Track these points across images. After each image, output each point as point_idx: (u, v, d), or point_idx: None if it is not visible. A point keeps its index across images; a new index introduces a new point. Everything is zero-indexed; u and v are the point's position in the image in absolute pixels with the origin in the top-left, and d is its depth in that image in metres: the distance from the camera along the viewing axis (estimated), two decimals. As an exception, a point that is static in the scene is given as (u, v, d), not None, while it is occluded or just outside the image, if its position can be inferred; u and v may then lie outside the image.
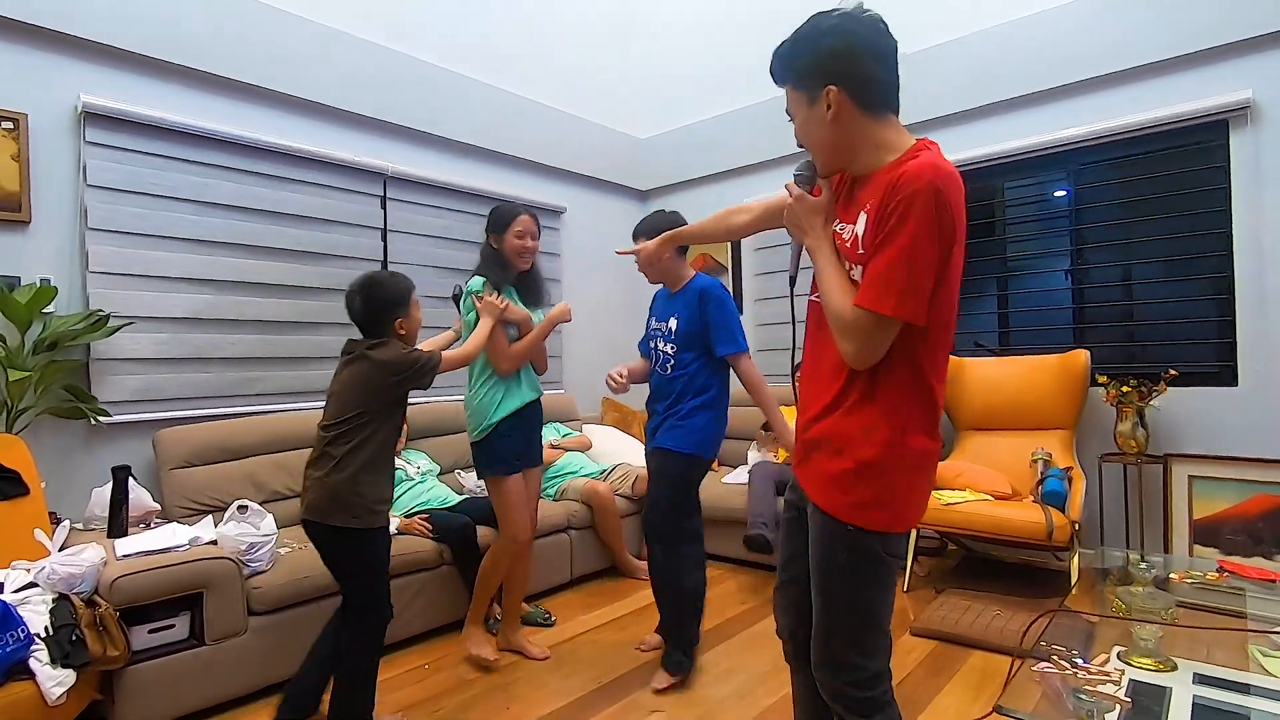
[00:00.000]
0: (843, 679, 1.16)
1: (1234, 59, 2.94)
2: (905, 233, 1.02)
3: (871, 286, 1.05)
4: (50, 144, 2.55)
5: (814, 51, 1.13)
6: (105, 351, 2.62)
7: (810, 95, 1.15)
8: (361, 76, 3.42)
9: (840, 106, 1.12)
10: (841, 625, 1.17)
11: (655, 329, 2.42)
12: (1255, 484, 2.81)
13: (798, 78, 1.17)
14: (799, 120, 1.20)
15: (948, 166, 1.07)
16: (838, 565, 1.16)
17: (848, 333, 1.09)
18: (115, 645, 1.84)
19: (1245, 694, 1.55)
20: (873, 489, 1.12)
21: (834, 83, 1.11)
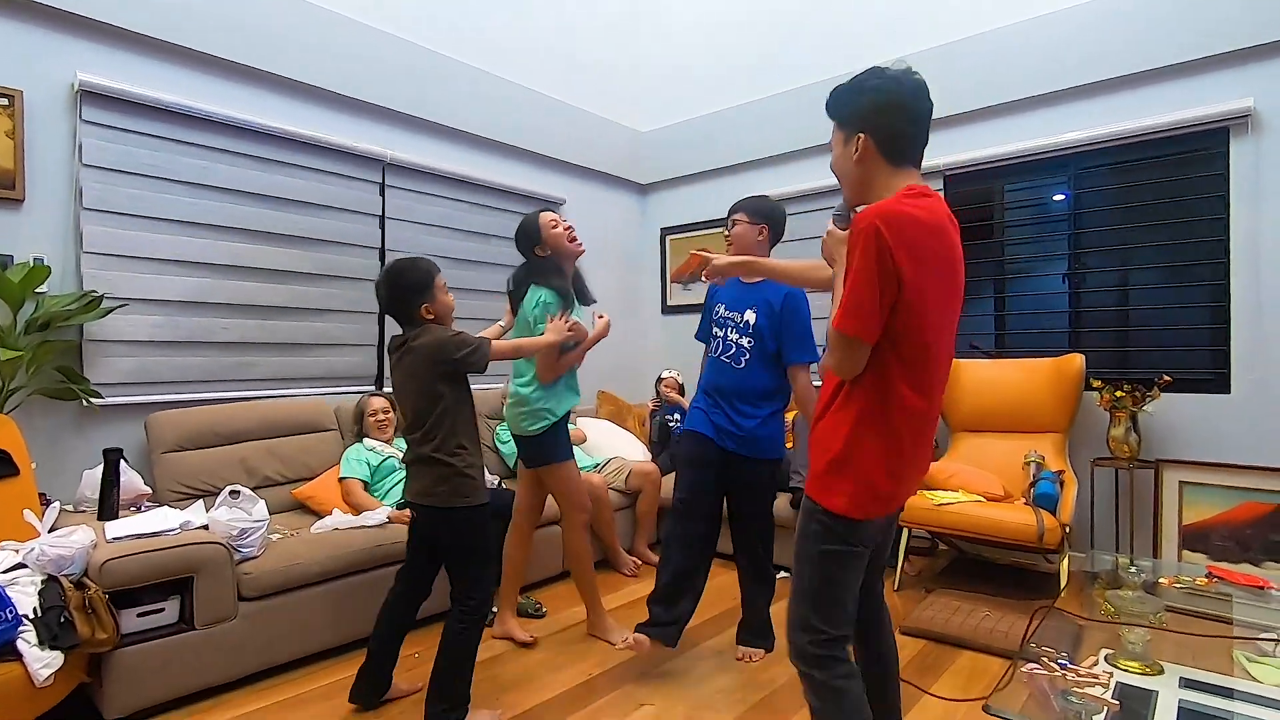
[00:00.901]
0: (805, 638, 1.35)
1: (1236, 67, 2.94)
2: (853, 264, 1.22)
3: (838, 310, 1.25)
4: (46, 122, 2.52)
5: (857, 100, 1.35)
6: (98, 333, 2.60)
7: (846, 135, 1.37)
8: (362, 62, 3.39)
9: (865, 151, 1.33)
10: (808, 590, 1.35)
11: (725, 317, 2.36)
12: (1245, 491, 2.83)
13: (840, 118, 1.39)
14: (835, 153, 1.41)
15: (899, 208, 1.23)
16: (809, 535, 1.35)
17: (830, 347, 1.29)
18: (104, 628, 1.83)
19: (1230, 699, 1.56)
20: (838, 478, 1.30)
21: (865, 131, 1.33)
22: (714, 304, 2.43)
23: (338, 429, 3.13)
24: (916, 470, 1.37)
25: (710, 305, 2.46)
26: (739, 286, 2.37)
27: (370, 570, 2.50)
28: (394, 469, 2.96)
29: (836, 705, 1.33)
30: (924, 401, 1.29)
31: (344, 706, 2.09)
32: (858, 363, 1.24)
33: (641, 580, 3.32)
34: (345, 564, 2.42)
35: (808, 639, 1.34)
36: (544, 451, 2.45)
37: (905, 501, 1.41)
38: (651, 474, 3.64)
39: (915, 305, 1.22)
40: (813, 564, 1.34)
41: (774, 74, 4.32)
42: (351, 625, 2.45)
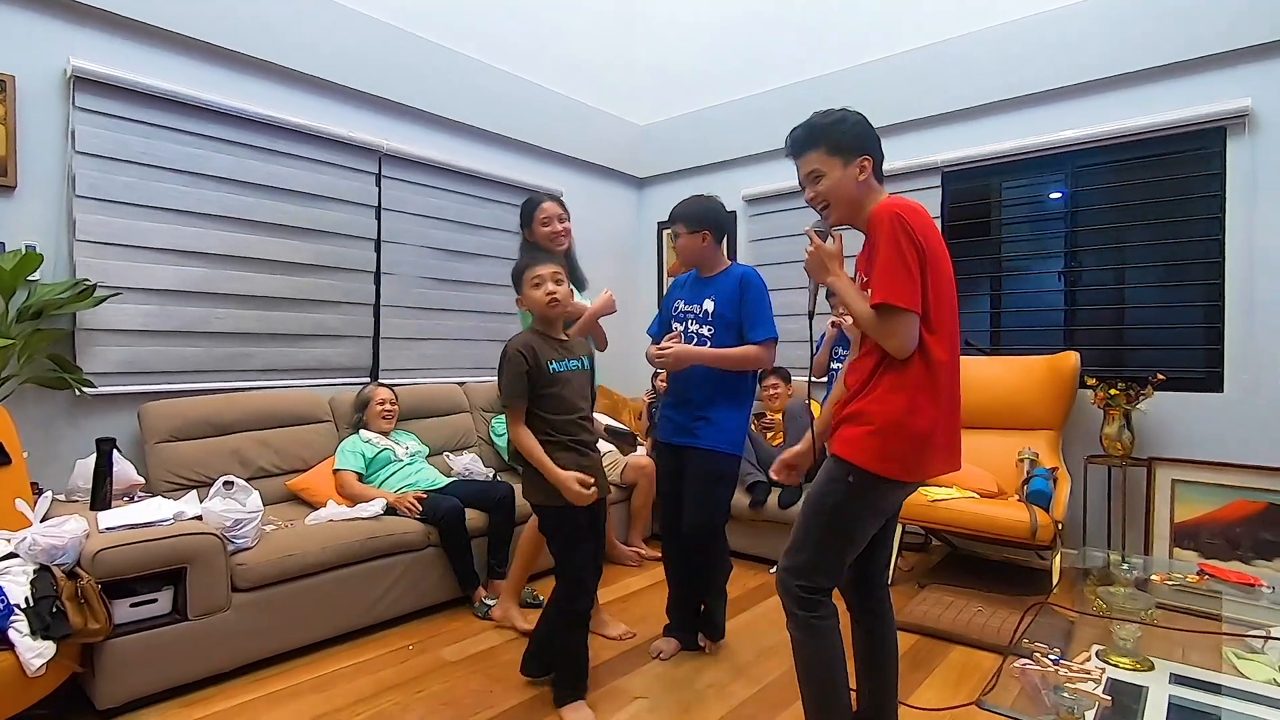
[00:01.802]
0: (798, 583, 1.50)
1: (1234, 67, 2.95)
2: (884, 246, 1.38)
3: (878, 289, 1.38)
4: (38, 108, 2.50)
5: (852, 129, 1.52)
6: (91, 322, 2.58)
7: (845, 160, 1.50)
8: (360, 51, 3.37)
9: (868, 171, 1.50)
10: (818, 543, 1.48)
11: (686, 311, 2.36)
12: (1236, 489, 2.85)
13: (833, 147, 1.51)
14: (831, 178, 1.52)
15: (903, 201, 1.44)
16: (834, 492, 1.46)
17: (882, 331, 1.40)
18: (96, 618, 1.82)
19: (1218, 694, 1.57)
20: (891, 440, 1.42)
21: (868, 154, 1.50)
22: (672, 301, 2.45)
23: (332, 420, 3.12)
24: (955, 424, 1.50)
25: (669, 304, 2.47)
26: (695, 282, 2.39)
27: (364, 562, 2.50)
28: (389, 460, 2.96)
29: (817, 640, 1.51)
30: (955, 355, 1.47)
31: (336, 698, 2.09)
32: (913, 335, 1.38)
33: (641, 573, 3.33)
34: (339, 556, 2.42)
35: (800, 583, 1.49)
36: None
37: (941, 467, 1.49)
38: (647, 467, 3.64)
39: (934, 279, 1.40)
40: (831, 519, 1.46)
41: (772, 69, 4.31)
42: (345, 617, 2.45)
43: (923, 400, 1.41)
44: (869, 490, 1.45)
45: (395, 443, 3.07)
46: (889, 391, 1.43)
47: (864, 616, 1.67)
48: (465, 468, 3.25)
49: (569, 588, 2.02)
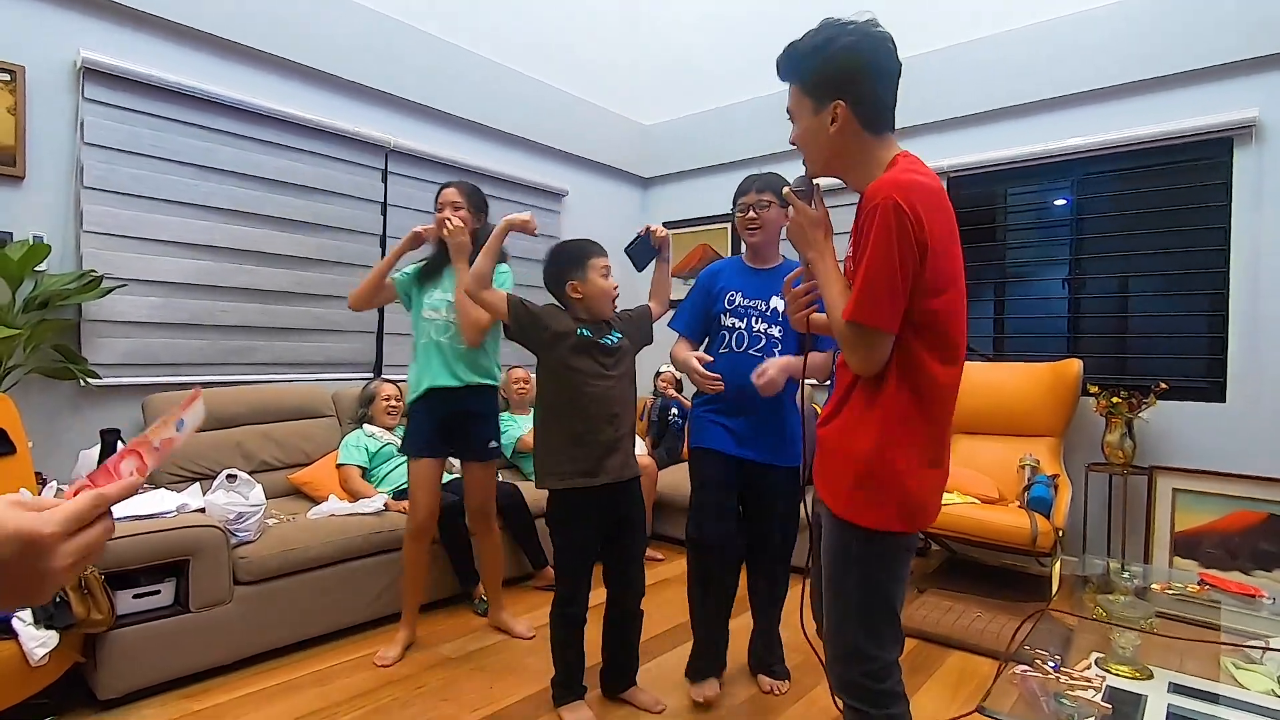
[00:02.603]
0: (856, 670, 1.18)
1: (1242, 77, 2.95)
2: (869, 247, 1.08)
3: (852, 300, 1.11)
4: (48, 98, 2.50)
5: (827, 63, 1.17)
6: (97, 313, 2.59)
7: (816, 104, 1.19)
8: (368, 47, 3.37)
9: (844, 121, 1.17)
10: (854, 612, 1.19)
11: (746, 306, 2.07)
12: (1237, 500, 2.85)
13: (805, 83, 1.21)
14: (801, 125, 1.23)
15: (911, 178, 1.10)
16: (850, 560, 1.19)
17: (846, 345, 1.15)
18: (99, 609, 1.83)
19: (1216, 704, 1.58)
20: (876, 492, 1.15)
21: (842, 98, 1.16)
22: (719, 291, 2.12)
23: (335, 415, 3.13)
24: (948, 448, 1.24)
25: (711, 292, 2.13)
26: (751, 272, 2.12)
27: (366, 557, 2.51)
28: (391, 455, 2.97)
29: None
30: (956, 370, 1.18)
31: (336, 692, 2.10)
32: (880, 357, 1.11)
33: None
34: (341, 550, 2.42)
35: (859, 670, 1.18)
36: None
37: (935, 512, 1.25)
38: (647, 468, 3.64)
39: (938, 276, 1.11)
40: (857, 586, 1.19)
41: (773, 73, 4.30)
42: (346, 611, 2.45)
43: (900, 434, 1.13)
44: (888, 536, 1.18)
45: (398, 438, 3.08)
46: (858, 420, 1.17)
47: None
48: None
49: (561, 586, 1.99)
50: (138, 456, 0.58)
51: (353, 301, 2.50)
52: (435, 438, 2.35)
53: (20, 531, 0.46)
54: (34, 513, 0.47)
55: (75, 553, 0.48)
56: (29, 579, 0.47)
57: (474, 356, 2.34)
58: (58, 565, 0.47)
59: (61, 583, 0.48)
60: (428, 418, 2.35)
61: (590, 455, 1.89)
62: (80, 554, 0.48)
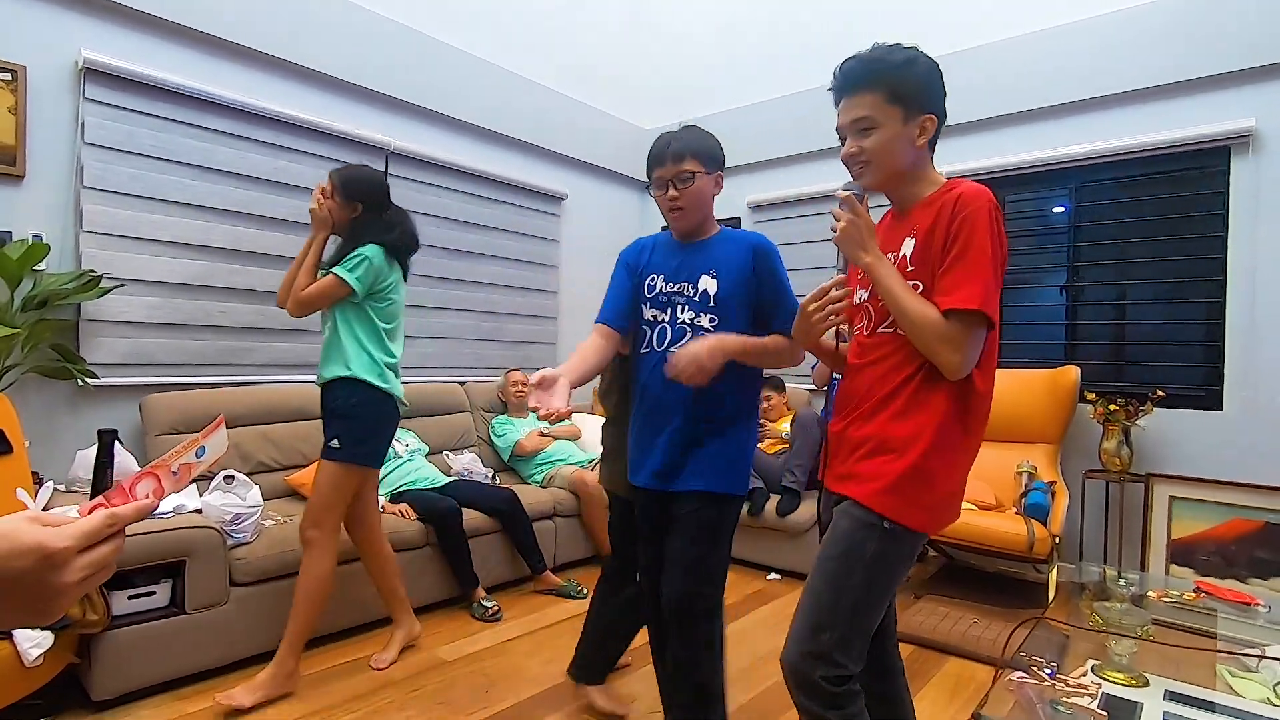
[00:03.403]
0: (822, 671, 1.16)
1: (1239, 87, 2.96)
2: (977, 241, 1.14)
3: (957, 289, 1.13)
4: (48, 98, 2.50)
5: (926, 78, 1.23)
6: (95, 313, 2.58)
7: (906, 114, 1.21)
8: (368, 49, 3.37)
9: (929, 135, 1.23)
10: (841, 615, 1.17)
11: (669, 293, 1.62)
12: (1233, 507, 2.86)
13: (897, 93, 1.21)
14: (883, 134, 1.21)
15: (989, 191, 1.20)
16: (864, 554, 1.18)
17: (946, 342, 1.13)
18: (95, 609, 1.83)
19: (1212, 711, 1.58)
20: (921, 489, 1.17)
21: (935, 113, 1.23)
22: (638, 275, 1.67)
23: (333, 417, 3.12)
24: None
25: (629, 278, 1.68)
26: (677, 248, 1.68)
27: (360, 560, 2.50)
28: (390, 457, 2.96)
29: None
30: (991, 381, 1.23)
31: (333, 694, 2.09)
32: (978, 353, 1.16)
33: (632, 577, 3.33)
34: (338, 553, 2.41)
35: (824, 674, 1.15)
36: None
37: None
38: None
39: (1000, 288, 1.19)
40: (858, 585, 1.17)
41: (778, 76, 4.33)
42: (342, 613, 2.45)
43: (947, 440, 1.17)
44: (909, 538, 1.19)
45: (396, 440, 3.07)
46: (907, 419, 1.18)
47: (876, 681, 1.33)
48: (465, 467, 3.26)
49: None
50: (155, 479, 0.58)
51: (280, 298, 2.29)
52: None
53: (36, 545, 0.47)
54: (49, 528, 0.49)
55: (86, 568, 0.50)
56: (40, 593, 0.48)
57: (328, 349, 2.18)
58: (68, 580, 0.49)
59: (71, 599, 0.50)
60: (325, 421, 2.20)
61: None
62: (90, 570, 0.50)
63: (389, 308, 2.21)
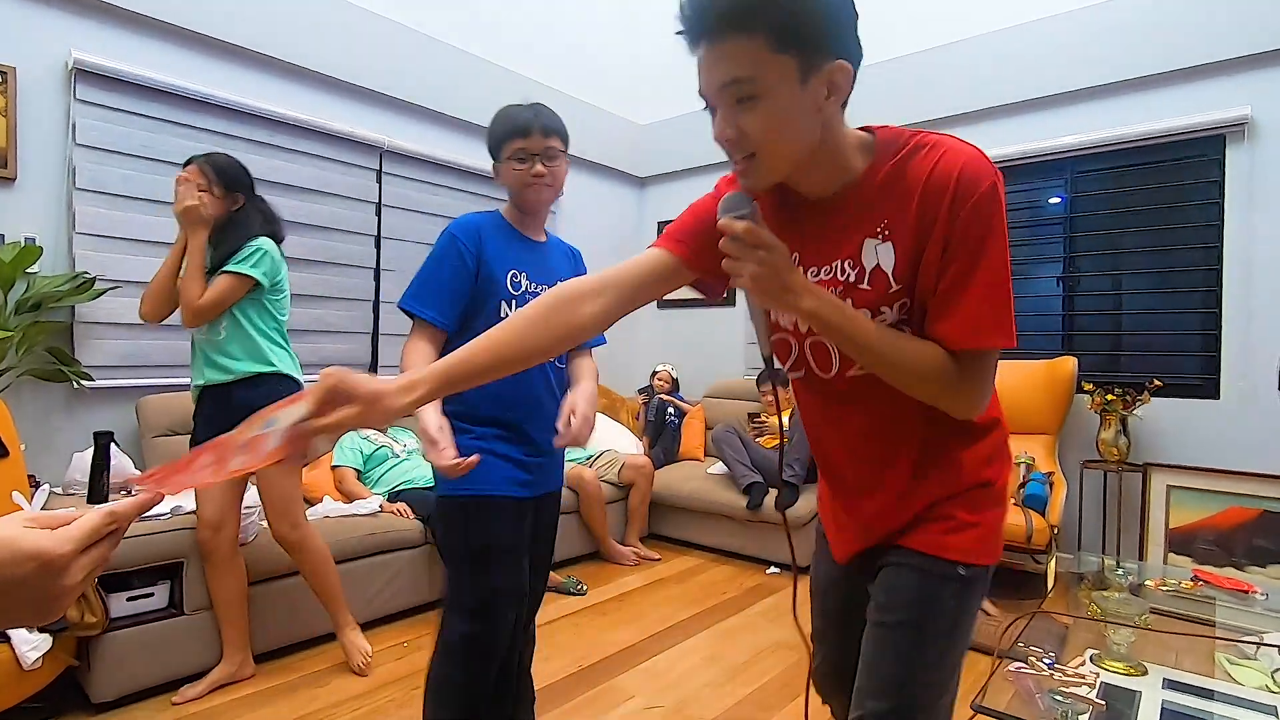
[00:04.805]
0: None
1: (1234, 75, 2.96)
2: (996, 243, 0.82)
3: (980, 321, 0.82)
4: (39, 100, 2.49)
5: (823, 4, 0.78)
6: (90, 314, 2.57)
7: (804, 65, 0.77)
8: (361, 47, 3.36)
9: (841, 93, 0.80)
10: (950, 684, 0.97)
11: (534, 292, 1.48)
12: (1231, 496, 2.86)
13: (786, 32, 0.75)
14: (773, 101, 0.78)
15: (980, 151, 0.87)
16: (947, 617, 0.94)
17: (955, 387, 0.85)
18: (93, 612, 1.82)
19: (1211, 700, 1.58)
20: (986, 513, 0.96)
21: (845, 57, 0.79)
22: (492, 264, 1.45)
23: (330, 416, 3.12)
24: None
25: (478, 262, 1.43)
26: (530, 245, 1.54)
27: (361, 558, 2.50)
28: (386, 458, 2.96)
29: None
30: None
31: (332, 693, 2.09)
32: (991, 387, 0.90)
33: (638, 571, 3.33)
34: (336, 552, 2.40)
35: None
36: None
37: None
38: (644, 467, 3.65)
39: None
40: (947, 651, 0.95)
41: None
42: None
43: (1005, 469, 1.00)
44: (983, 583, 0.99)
45: (393, 439, 3.08)
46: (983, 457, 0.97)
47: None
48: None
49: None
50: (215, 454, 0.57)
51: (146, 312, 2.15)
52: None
53: (37, 551, 0.47)
54: (47, 531, 0.48)
55: (86, 568, 0.49)
56: (42, 597, 0.48)
57: (230, 345, 2.07)
58: (69, 583, 0.48)
59: (72, 598, 0.49)
60: (204, 425, 2.10)
61: None
62: (90, 568, 0.50)
63: (284, 299, 2.18)
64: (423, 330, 1.38)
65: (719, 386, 4.33)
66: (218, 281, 2.01)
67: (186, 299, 2.00)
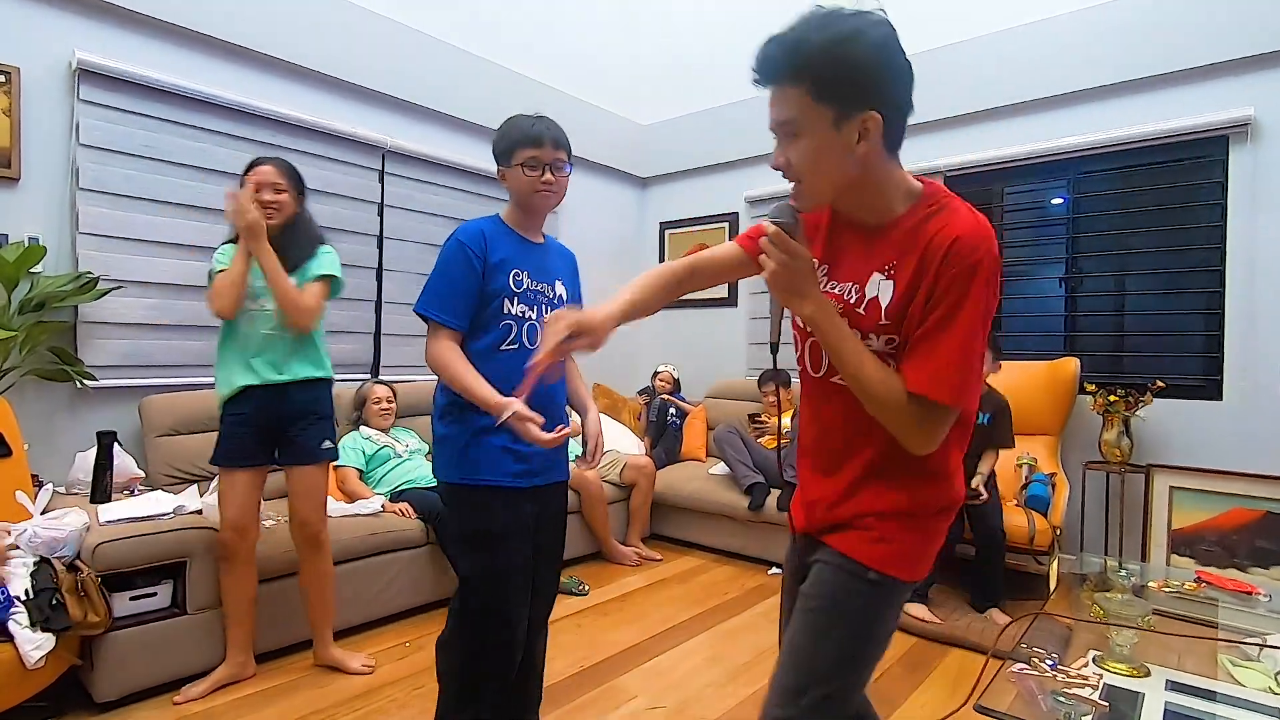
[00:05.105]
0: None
1: (1238, 75, 2.95)
2: (967, 311, 0.90)
3: (930, 371, 0.92)
4: (43, 100, 2.50)
5: (865, 63, 0.90)
6: (93, 314, 2.58)
7: (838, 114, 0.91)
8: (364, 47, 3.37)
9: (871, 138, 0.92)
10: (824, 678, 1.03)
11: (535, 291, 1.59)
12: (1234, 497, 2.86)
13: (825, 85, 0.90)
14: (811, 142, 0.94)
15: (987, 224, 0.95)
16: (845, 611, 1.03)
17: (909, 424, 0.94)
18: (96, 611, 1.83)
19: (1214, 701, 1.58)
20: (909, 536, 1.03)
21: (878, 108, 0.91)
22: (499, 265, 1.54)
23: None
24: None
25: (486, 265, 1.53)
26: (531, 246, 1.63)
27: (363, 558, 2.50)
28: (388, 458, 2.96)
29: None
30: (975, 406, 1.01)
31: (334, 694, 2.10)
32: (945, 433, 0.97)
33: (640, 572, 3.33)
34: (338, 552, 2.41)
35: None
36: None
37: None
38: (646, 467, 3.65)
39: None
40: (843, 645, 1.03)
41: (777, 70, 4.31)
42: (343, 613, 2.44)
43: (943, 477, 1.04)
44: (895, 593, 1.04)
45: (395, 439, 3.08)
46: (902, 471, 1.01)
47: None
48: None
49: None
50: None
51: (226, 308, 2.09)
52: (255, 444, 2.10)
53: None
54: None
55: None
56: None
57: (294, 346, 2.11)
58: None
59: None
60: (242, 422, 2.09)
61: None
62: None
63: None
64: (443, 332, 1.49)
65: (720, 387, 4.33)
66: (316, 286, 2.10)
67: (297, 302, 2.03)
